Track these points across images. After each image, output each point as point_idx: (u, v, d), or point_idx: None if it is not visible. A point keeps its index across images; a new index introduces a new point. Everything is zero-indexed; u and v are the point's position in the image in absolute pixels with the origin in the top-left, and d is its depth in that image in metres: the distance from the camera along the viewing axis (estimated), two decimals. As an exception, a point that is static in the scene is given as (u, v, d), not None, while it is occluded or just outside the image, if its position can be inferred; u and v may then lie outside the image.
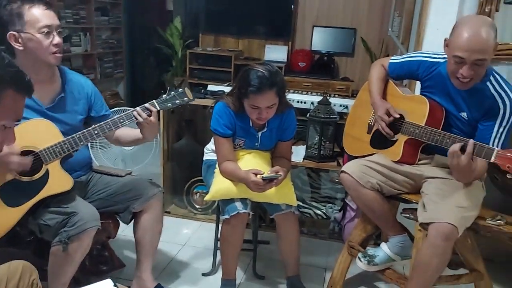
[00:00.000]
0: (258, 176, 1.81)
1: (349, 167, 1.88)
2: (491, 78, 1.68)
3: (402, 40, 3.67)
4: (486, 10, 2.14)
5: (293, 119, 2.00)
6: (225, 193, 1.91)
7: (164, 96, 1.76)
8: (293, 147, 2.67)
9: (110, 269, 2.18)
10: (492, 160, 1.49)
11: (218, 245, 2.01)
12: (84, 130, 1.66)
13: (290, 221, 1.96)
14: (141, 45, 5.72)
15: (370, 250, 1.94)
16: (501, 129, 1.65)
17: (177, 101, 1.76)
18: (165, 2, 5.52)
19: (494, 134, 1.65)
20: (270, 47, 4.67)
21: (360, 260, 1.93)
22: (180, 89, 1.77)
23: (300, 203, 2.80)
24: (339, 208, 2.73)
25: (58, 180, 1.63)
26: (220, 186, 1.92)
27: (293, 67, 4.54)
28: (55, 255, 1.59)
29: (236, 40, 4.88)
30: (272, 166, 1.93)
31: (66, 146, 1.63)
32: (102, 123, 1.68)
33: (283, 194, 1.92)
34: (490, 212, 1.74)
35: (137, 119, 1.70)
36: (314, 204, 2.81)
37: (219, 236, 2.00)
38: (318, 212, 2.78)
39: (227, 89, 2.66)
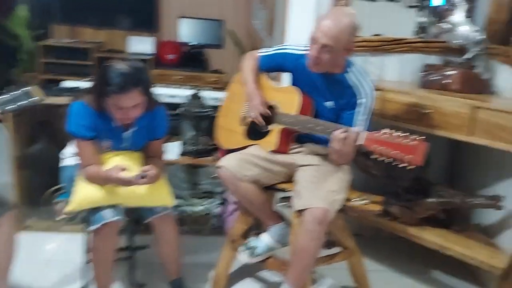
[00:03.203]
0: (125, 172, 1.66)
1: (225, 161, 1.85)
2: (350, 69, 1.80)
3: (268, 33, 3.77)
4: (340, 4, 2.29)
5: (164, 117, 1.89)
6: (90, 201, 1.71)
7: (2, 97, 1.47)
8: (167, 143, 2.56)
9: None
10: (361, 142, 1.59)
11: (89, 257, 1.81)
12: None
13: (168, 223, 1.85)
14: (-21, 36, 4.91)
15: (251, 242, 1.95)
16: (362, 117, 1.76)
17: (22, 103, 1.49)
18: (7, -13, 4.82)
19: (356, 122, 1.76)
20: (134, 38, 4.41)
21: (242, 253, 1.92)
22: (26, 88, 1.50)
23: (180, 202, 2.71)
24: (220, 202, 2.70)
25: None
26: (83, 194, 1.72)
27: (162, 59, 4.37)
28: None
29: (96, 31, 4.50)
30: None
31: None
32: None
33: (158, 196, 1.81)
34: (356, 193, 1.87)
35: None
36: (195, 201, 2.74)
37: (89, 248, 1.80)
38: (199, 208, 2.72)
39: (86, 84, 2.40)
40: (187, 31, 4.49)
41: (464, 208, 2.13)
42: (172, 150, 2.50)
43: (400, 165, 1.49)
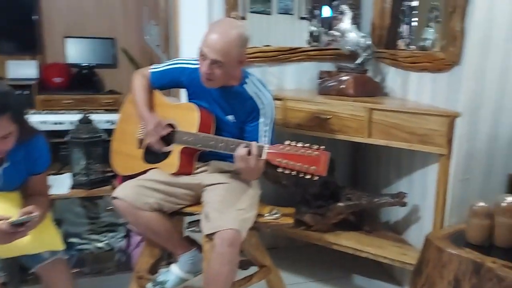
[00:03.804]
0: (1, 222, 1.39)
1: (122, 190, 1.68)
2: (247, 80, 1.74)
3: (163, 49, 3.63)
4: (232, 16, 2.24)
5: (44, 147, 1.63)
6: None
7: None
8: (56, 176, 2.31)
9: None
10: (264, 157, 1.54)
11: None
12: None
13: (59, 269, 1.60)
14: None
15: (160, 276, 1.78)
16: (266, 128, 1.72)
17: None
18: None
19: (261, 133, 1.71)
20: (14, 63, 3.96)
21: (151, 290, 1.74)
22: None
23: (77, 240, 2.43)
24: (123, 234, 2.47)
25: None
26: None
27: (48, 83, 3.99)
28: None
29: (-33, 58, 3.97)
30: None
31: None
32: None
33: (44, 240, 1.55)
34: (267, 207, 1.80)
35: None
36: (94, 237, 2.47)
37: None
38: (100, 244, 2.46)
39: None
40: (75, 52, 4.16)
41: (372, 208, 2.17)
42: (62, 184, 2.23)
43: (305, 177, 1.45)
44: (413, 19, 2.25)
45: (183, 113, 1.77)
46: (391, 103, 2.01)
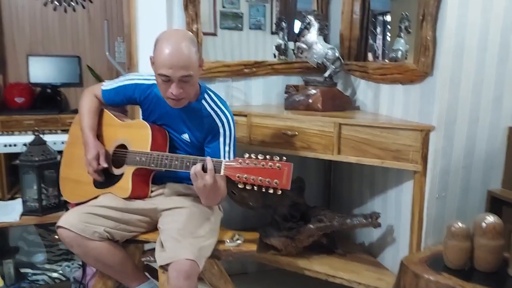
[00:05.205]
0: None
1: (67, 219, 1.51)
2: (206, 96, 1.63)
3: (128, 65, 3.50)
4: (194, 29, 2.12)
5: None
6: None
7: None
8: (7, 202, 2.19)
9: None
10: (222, 173, 1.41)
11: None
12: None
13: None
14: None
15: (114, 312, 1.60)
16: (227, 147, 1.60)
17: None
18: None
19: (222, 154, 1.59)
20: (-30, 82, 3.77)
21: (103, 328, 1.56)
22: None
23: (29, 271, 2.24)
24: (80, 263, 2.28)
25: None
26: None
27: (9, 104, 3.79)
28: None
29: None
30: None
31: None
32: None
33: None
34: (229, 233, 1.65)
35: None
36: (47, 266, 2.28)
37: None
38: (54, 275, 2.28)
39: None
40: (38, 70, 3.99)
41: (344, 229, 2.04)
42: (13, 210, 2.07)
43: (268, 191, 1.33)
44: (383, 30, 2.17)
45: (135, 132, 1.64)
46: (361, 118, 1.90)
